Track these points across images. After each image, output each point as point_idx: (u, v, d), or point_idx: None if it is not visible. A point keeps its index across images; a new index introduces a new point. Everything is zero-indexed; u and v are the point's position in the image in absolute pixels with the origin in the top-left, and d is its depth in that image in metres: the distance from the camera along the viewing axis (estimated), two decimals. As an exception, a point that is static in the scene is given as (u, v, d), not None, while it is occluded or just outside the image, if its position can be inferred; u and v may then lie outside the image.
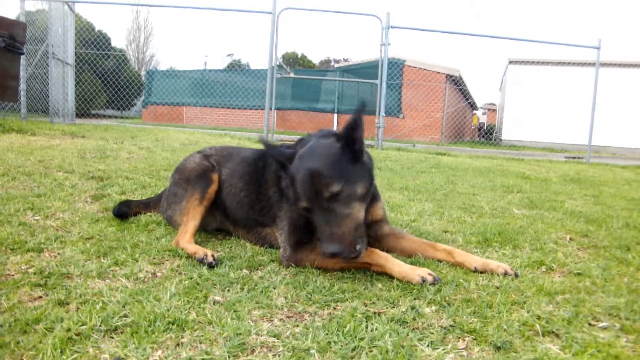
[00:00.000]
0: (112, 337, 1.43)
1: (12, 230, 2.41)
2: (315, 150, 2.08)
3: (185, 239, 2.32)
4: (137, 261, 2.10)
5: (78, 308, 1.61)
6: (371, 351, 1.39)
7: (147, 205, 3.01)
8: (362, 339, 1.45)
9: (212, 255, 2.14)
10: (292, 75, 13.64)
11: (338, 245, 1.86)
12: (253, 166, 2.57)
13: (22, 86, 9.38)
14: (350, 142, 2.01)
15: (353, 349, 1.40)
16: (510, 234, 2.85)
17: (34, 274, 1.89)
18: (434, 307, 1.72)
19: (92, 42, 20.24)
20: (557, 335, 1.56)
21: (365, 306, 1.72)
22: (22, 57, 3.81)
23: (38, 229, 2.49)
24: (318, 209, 1.94)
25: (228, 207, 2.60)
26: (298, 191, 1.99)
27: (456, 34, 11.65)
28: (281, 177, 2.35)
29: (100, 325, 1.47)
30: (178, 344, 1.41)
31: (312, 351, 1.38)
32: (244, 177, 2.56)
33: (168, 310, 1.60)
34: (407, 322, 1.59)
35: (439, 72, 20.98)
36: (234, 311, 1.63)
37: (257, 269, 2.11)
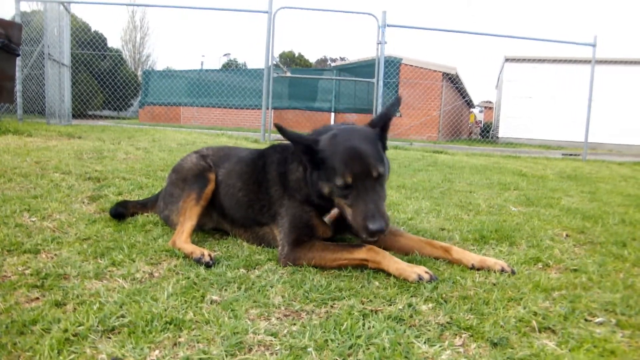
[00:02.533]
0: (110, 338, 1.43)
1: (9, 232, 2.40)
2: (352, 133, 2.12)
3: (182, 239, 2.32)
4: (134, 261, 2.10)
5: (75, 309, 1.61)
6: (368, 349, 1.40)
7: (144, 205, 3.01)
8: (359, 336, 1.46)
9: (209, 255, 2.14)
10: (288, 74, 13.64)
11: (382, 222, 1.89)
12: (252, 166, 2.57)
13: (18, 87, 9.35)
14: (384, 131, 2.16)
15: (350, 347, 1.41)
16: (506, 231, 2.86)
17: (31, 275, 1.89)
18: (430, 305, 1.73)
19: (88, 43, 20.17)
20: (553, 331, 1.57)
21: (362, 304, 1.72)
22: (18, 58, 3.79)
23: (35, 230, 2.48)
24: (361, 187, 1.96)
25: (225, 206, 2.60)
26: (338, 168, 1.98)
27: (452, 32, 11.69)
28: (285, 173, 2.36)
29: (97, 326, 1.47)
30: (175, 344, 1.41)
31: (310, 349, 1.39)
32: (243, 176, 2.57)
33: (165, 310, 1.60)
34: (404, 320, 1.60)
35: (435, 71, 21.00)
36: (231, 310, 1.63)
37: (254, 268, 2.11)
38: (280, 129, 2.07)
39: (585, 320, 1.67)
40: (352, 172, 1.97)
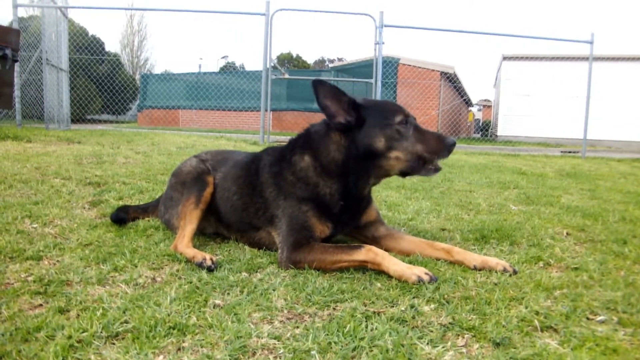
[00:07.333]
0: (114, 344, 1.43)
1: (11, 239, 2.40)
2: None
3: (184, 243, 2.32)
4: (136, 266, 2.10)
5: (78, 315, 1.61)
6: (371, 351, 1.40)
7: (145, 210, 3.01)
8: (362, 338, 1.46)
9: (211, 259, 2.14)
10: (286, 76, 13.66)
11: (452, 137, 2.23)
12: (246, 169, 2.57)
13: (17, 93, 9.33)
14: None
15: (353, 349, 1.41)
16: (507, 231, 2.86)
17: (34, 282, 1.89)
18: (433, 305, 1.73)
19: (86, 47, 20.19)
20: (555, 330, 1.57)
21: (365, 306, 1.73)
22: (16, 64, 3.80)
23: (36, 237, 2.48)
24: (414, 123, 2.24)
25: (222, 211, 2.59)
26: (391, 109, 2.24)
27: (450, 31, 11.72)
28: (280, 172, 2.35)
29: (101, 332, 1.48)
30: (179, 349, 1.41)
31: (313, 352, 1.39)
32: (237, 180, 2.56)
33: (168, 315, 1.60)
34: (406, 321, 1.60)
35: (433, 70, 21.03)
36: (234, 314, 1.64)
37: (256, 272, 2.12)
38: (318, 83, 2.21)
39: (587, 318, 1.67)
40: (404, 110, 2.24)
